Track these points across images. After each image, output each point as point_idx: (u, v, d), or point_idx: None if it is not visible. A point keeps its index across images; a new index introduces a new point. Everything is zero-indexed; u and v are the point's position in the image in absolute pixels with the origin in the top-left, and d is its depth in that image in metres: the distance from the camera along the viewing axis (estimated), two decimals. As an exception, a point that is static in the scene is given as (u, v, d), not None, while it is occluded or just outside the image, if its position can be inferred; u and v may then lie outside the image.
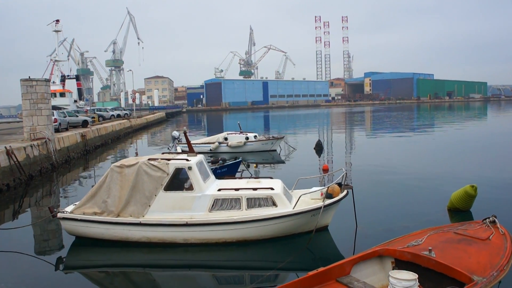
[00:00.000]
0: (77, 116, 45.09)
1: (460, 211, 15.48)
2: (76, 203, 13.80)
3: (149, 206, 12.84)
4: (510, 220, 13.26)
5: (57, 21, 72.87)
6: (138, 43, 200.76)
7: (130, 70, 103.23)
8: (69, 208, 13.57)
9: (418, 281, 7.41)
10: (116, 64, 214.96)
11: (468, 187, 15.37)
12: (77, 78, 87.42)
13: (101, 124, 51.34)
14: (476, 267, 7.92)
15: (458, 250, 8.64)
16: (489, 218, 9.99)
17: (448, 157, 29.70)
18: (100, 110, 71.81)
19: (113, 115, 68.44)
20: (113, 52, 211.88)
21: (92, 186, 14.10)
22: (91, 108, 78.23)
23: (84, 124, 43.63)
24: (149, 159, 13.37)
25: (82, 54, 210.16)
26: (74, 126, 42.08)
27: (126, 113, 76.24)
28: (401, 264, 8.76)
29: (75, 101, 71.61)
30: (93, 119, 52.91)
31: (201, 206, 12.80)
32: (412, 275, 7.36)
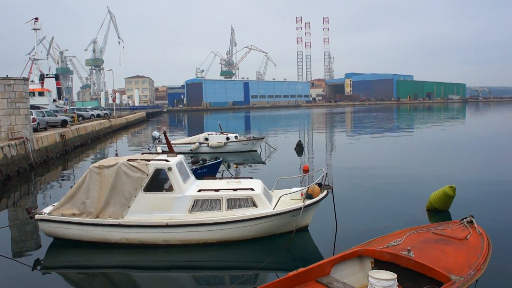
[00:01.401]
0: (56, 116, 44.51)
1: (439, 211, 15.65)
2: (55, 204, 13.63)
3: (129, 207, 12.75)
4: (487, 220, 13.51)
5: (36, 19, 72.08)
6: (119, 42, 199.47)
7: (110, 70, 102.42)
8: (47, 209, 13.40)
9: (397, 281, 7.47)
10: (96, 63, 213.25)
11: (447, 187, 15.56)
12: (56, 77, 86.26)
13: (81, 124, 50.77)
14: (454, 267, 8.01)
15: (436, 250, 8.73)
16: (466, 218, 10.13)
17: (427, 158, 30.00)
18: (79, 109, 70.98)
19: (92, 114, 67.73)
20: (93, 51, 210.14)
21: (71, 187, 13.94)
22: (71, 107, 77.33)
23: (63, 123, 43.09)
24: (128, 160, 13.27)
25: (61, 53, 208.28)
26: (53, 125, 41.51)
27: (106, 113, 75.44)
28: (380, 264, 8.82)
29: (54, 100, 70.70)
30: (73, 118, 52.28)
31: (181, 207, 12.75)
32: (391, 275, 7.42)
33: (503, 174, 22.88)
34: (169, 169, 13.05)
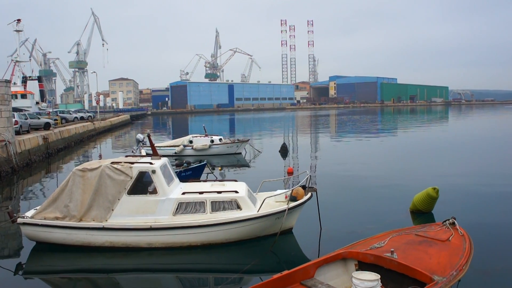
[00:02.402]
0: (39, 118, 44.07)
1: (422, 213, 15.77)
2: (37, 207, 13.47)
3: (112, 210, 12.68)
4: (469, 221, 13.64)
5: (18, 20, 71.46)
6: (103, 44, 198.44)
7: (94, 72, 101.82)
8: (30, 213, 13.25)
9: (381, 282, 7.53)
10: (79, 66, 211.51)
11: (430, 189, 15.69)
12: (39, 79, 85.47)
13: (64, 126, 50.37)
14: (436, 268, 8.10)
15: (419, 251, 8.82)
16: (449, 220, 10.25)
17: (411, 160, 30.26)
18: (63, 112, 70.46)
19: (76, 117, 67.18)
20: (77, 53, 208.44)
21: (54, 190, 13.81)
22: (54, 110, 76.71)
23: (46, 126, 42.70)
24: (112, 163, 13.20)
25: (44, 55, 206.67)
26: (35, 128, 41.13)
27: (90, 116, 74.93)
28: (364, 266, 8.87)
29: (37, 102, 70.13)
30: (56, 121, 51.86)
31: (165, 210, 12.71)
32: (374, 276, 7.48)
33: (485, 176, 23.17)
34: (153, 171, 13.00)
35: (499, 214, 15.89)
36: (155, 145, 16.55)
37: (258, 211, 12.92)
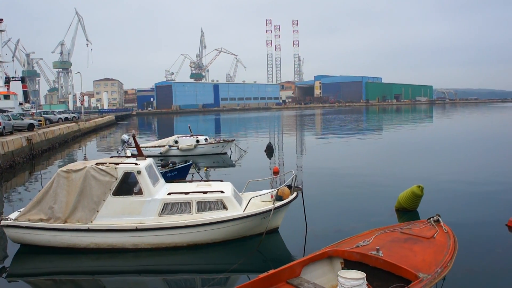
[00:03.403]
0: (22, 119, 43.65)
1: (408, 211, 15.90)
2: (21, 209, 13.37)
3: (98, 211, 12.61)
4: (453, 218, 13.78)
5: (1, 20, 70.75)
6: (87, 44, 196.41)
7: (78, 72, 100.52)
8: (14, 215, 13.14)
9: (367, 280, 7.58)
10: (64, 66, 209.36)
11: (415, 187, 15.81)
12: (22, 80, 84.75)
13: (48, 127, 49.94)
14: (421, 265, 8.17)
15: (404, 249, 8.89)
16: (433, 217, 10.35)
17: (396, 158, 30.46)
18: (47, 113, 69.86)
19: (60, 118, 66.65)
20: (61, 53, 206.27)
21: (38, 192, 13.70)
22: (38, 111, 76.02)
23: (30, 127, 42.32)
24: (97, 164, 13.13)
25: (28, 55, 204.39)
26: (19, 129, 40.75)
27: (74, 116, 74.42)
28: (350, 264, 8.91)
29: (21, 103, 69.44)
30: (40, 122, 51.42)
31: (150, 211, 12.67)
32: (360, 274, 7.52)
33: (469, 174, 23.39)
34: (138, 172, 12.96)
35: (483, 211, 16.07)
36: (140, 145, 16.48)
37: (244, 211, 12.94)
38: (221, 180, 15.36)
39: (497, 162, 27.54)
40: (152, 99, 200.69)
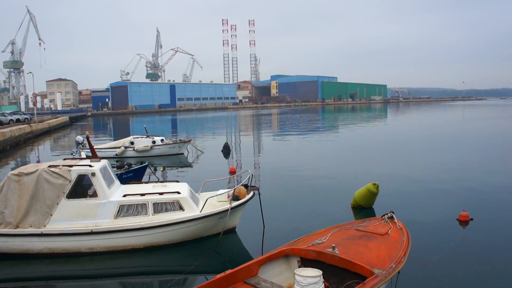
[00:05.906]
0: (-30, 122, 42.35)
1: (364, 208, 16.17)
2: (-31, 214, 12.92)
3: (51, 215, 12.32)
4: (406, 215, 14.13)
5: None
6: (40, 43, 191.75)
7: (30, 72, 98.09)
8: (-39, 220, 12.69)
9: (323, 277, 7.64)
10: (15, 66, 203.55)
11: (370, 185, 16.10)
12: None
13: (-2, 130, 48.49)
14: (376, 261, 8.31)
15: (359, 246, 9.03)
16: (387, 214, 10.56)
17: (351, 157, 30.90)
18: (-3, 114, 67.92)
19: (12, 119, 64.91)
20: (12, 52, 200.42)
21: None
22: (-13, 112, 73.76)
23: (-21, 130, 41.05)
24: (50, 166, 12.83)
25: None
26: (-33, 132, 39.48)
27: (26, 118, 72.52)
28: (306, 262, 8.98)
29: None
30: (-11, 124, 49.91)
31: (106, 213, 12.47)
32: (316, 272, 7.58)
33: (422, 171, 23.95)
34: (93, 174, 12.73)
35: (435, 207, 16.49)
36: (95, 147, 16.20)
37: (200, 212, 12.91)
38: (177, 181, 15.25)
39: (447, 159, 28.29)
40: (107, 100, 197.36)
